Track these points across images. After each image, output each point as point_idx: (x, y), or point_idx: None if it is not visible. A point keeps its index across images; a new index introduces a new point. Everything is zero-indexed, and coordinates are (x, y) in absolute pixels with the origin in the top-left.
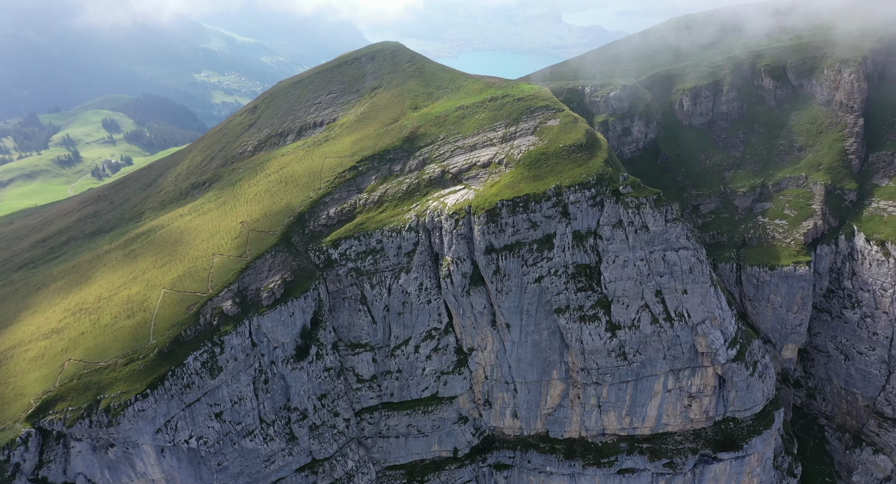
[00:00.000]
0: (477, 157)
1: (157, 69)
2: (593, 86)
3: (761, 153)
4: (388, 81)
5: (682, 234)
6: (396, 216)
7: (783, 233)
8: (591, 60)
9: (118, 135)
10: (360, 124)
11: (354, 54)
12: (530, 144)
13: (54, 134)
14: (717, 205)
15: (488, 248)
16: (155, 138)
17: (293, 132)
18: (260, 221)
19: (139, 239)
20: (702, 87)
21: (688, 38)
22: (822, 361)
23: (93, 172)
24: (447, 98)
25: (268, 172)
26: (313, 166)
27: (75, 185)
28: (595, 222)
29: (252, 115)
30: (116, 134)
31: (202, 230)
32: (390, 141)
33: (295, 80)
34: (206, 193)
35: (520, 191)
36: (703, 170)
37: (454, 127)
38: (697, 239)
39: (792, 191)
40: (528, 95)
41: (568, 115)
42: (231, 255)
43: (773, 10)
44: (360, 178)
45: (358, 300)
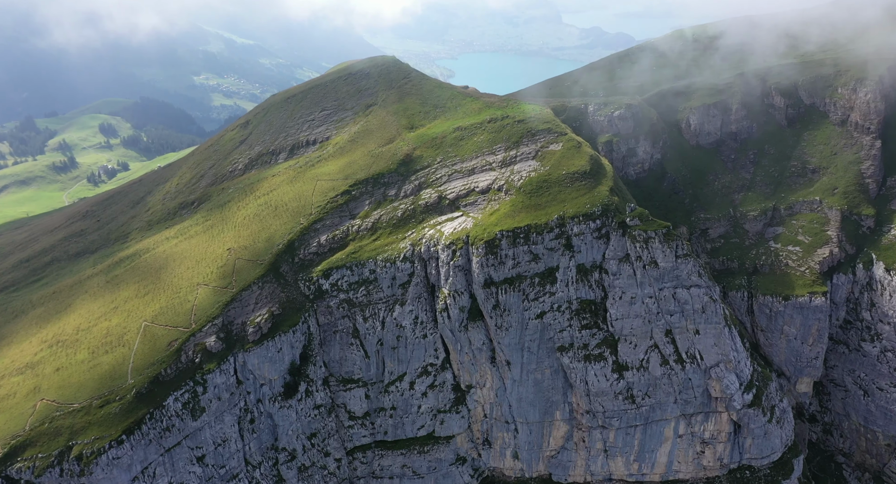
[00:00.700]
0: (475, 183)
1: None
2: (596, 104)
3: (772, 175)
4: (383, 99)
5: (693, 271)
6: (391, 245)
7: (797, 260)
8: (592, 73)
9: (115, 140)
10: (353, 145)
11: (348, 69)
12: (531, 170)
13: (50, 139)
14: (727, 229)
15: (487, 281)
16: (152, 143)
17: (285, 150)
18: (247, 249)
19: (123, 264)
20: (710, 106)
21: (693, 52)
22: (839, 395)
23: (88, 178)
24: (444, 118)
25: (257, 194)
26: (304, 190)
27: (70, 191)
28: (600, 256)
29: (244, 130)
30: (113, 139)
31: (187, 256)
32: (385, 164)
33: (288, 95)
34: (193, 214)
35: (520, 221)
36: (711, 192)
37: (451, 149)
38: (710, 276)
39: (805, 215)
40: (528, 117)
41: (571, 139)
42: (216, 285)
43: (783, 30)
44: (353, 204)
45: (350, 333)
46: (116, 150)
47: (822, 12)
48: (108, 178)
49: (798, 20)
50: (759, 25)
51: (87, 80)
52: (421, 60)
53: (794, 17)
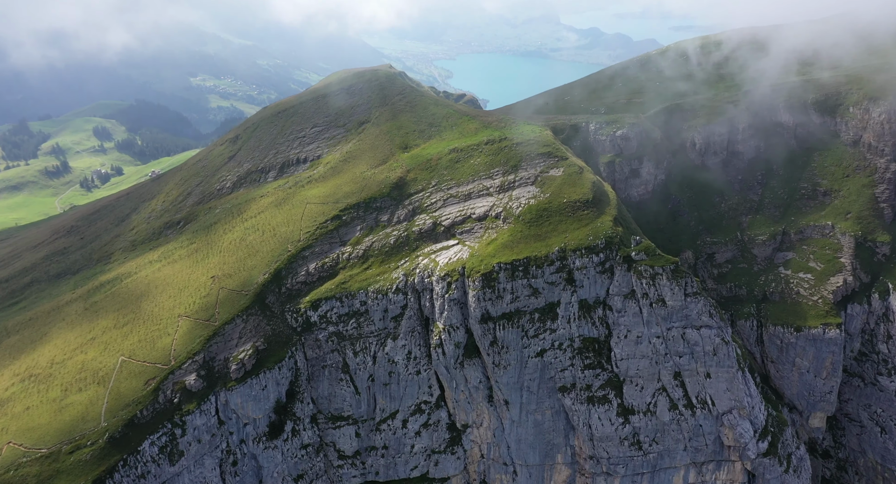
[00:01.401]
0: (472, 209)
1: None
2: (597, 123)
3: (781, 197)
4: (376, 116)
5: (704, 310)
6: (383, 275)
7: (809, 289)
8: (592, 87)
9: (109, 143)
10: (345, 165)
11: (341, 84)
12: (531, 197)
13: (44, 142)
14: (734, 253)
15: (484, 316)
16: (147, 147)
17: (275, 168)
18: (232, 278)
19: (103, 289)
20: (715, 125)
21: (697, 66)
22: (854, 430)
23: (81, 184)
24: (439, 137)
25: (244, 217)
26: (293, 213)
27: (63, 197)
28: (604, 291)
29: (233, 146)
30: (107, 142)
31: (170, 283)
32: (377, 187)
33: (279, 110)
34: (178, 236)
35: (519, 252)
36: (717, 214)
37: (447, 172)
38: (721, 316)
39: (817, 241)
40: (527, 140)
41: (572, 164)
42: (198, 318)
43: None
44: (344, 229)
45: (339, 368)
46: (110, 154)
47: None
48: (102, 183)
49: (807, 34)
50: (766, 40)
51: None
52: (419, 61)
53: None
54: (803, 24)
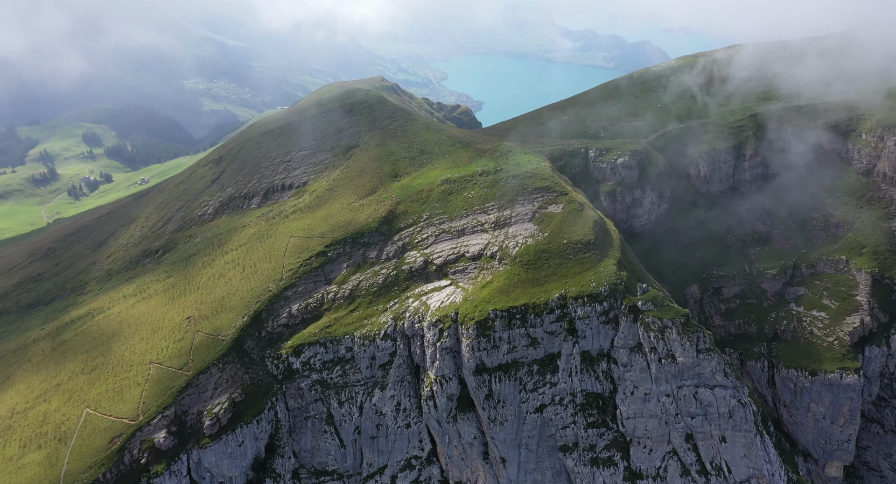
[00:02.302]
0: (465, 246)
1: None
2: (598, 149)
3: (791, 228)
4: (365, 141)
5: (718, 369)
6: (370, 318)
7: (823, 328)
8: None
9: (98, 149)
10: (332, 194)
11: (329, 103)
12: (528, 235)
13: (32, 148)
14: (743, 288)
15: (479, 366)
16: (137, 153)
17: (259, 194)
18: (209, 319)
19: (74, 325)
20: (721, 151)
21: (700, 87)
22: (873, 481)
23: (69, 192)
24: (431, 166)
25: (225, 249)
26: (276, 247)
27: (49, 205)
28: (608, 343)
29: (216, 168)
30: (97, 148)
31: (143, 323)
32: (365, 220)
33: (265, 130)
34: (156, 267)
35: (516, 298)
36: (724, 245)
37: (439, 205)
38: (738, 375)
39: (830, 276)
40: (524, 172)
41: (572, 200)
42: (171, 365)
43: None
44: (330, 267)
45: (323, 420)
46: (100, 161)
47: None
48: (90, 191)
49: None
50: (774, 58)
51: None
52: (414, 63)
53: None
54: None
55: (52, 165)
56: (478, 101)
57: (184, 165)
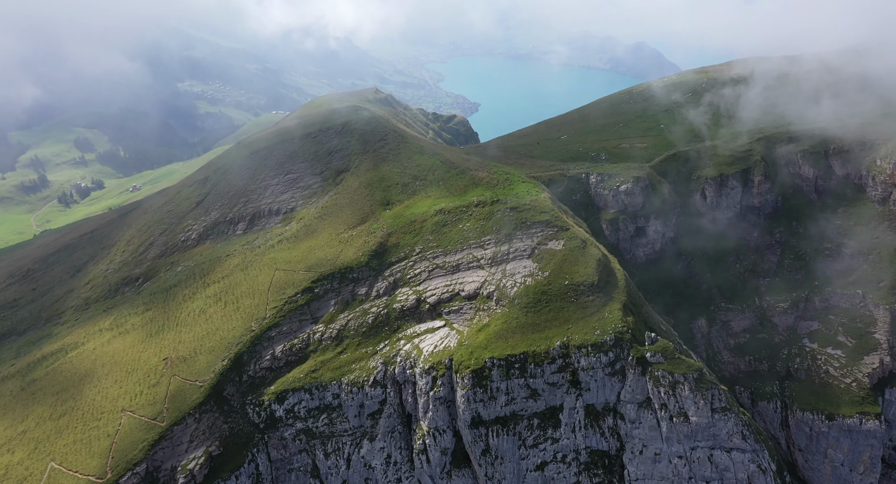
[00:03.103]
0: (460, 283)
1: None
2: (599, 174)
3: (803, 258)
4: (356, 164)
5: (735, 430)
6: (359, 362)
7: (840, 368)
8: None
9: (90, 155)
10: (320, 223)
11: (319, 124)
12: (527, 274)
13: (23, 154)
14: (753, 322)
15: (475, 419)
16: (129, 158)
17: (244, 220)
18: (187, 362)
19: (46, 362)
20: (728, 176)
21: (706, 104)
22: None
23: (59, 199)
24: (424, 194)
25: (207, 281)
26: (260, 281)
27: (39, 213)
28: (614, 396)
29: (202, 189)
30: (89, 154)
31: (118, 362)
32: (354, 253)
33: (252, 149)
34: (135, 298)
35: (515, 345)
36: (732, 276)
37: (433, 238)
38: (757, 437)
39: (845, 311)
40: (522, 204)
41: (574, 236)
42: (144, 414)
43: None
44: (316, 304)
45: (308, 472)
46: (92, 167)
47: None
48: (81, 198)
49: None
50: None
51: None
52: (410, 64)
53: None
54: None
55: (42, 172)
56: (474, 103)
57: (176, 172)
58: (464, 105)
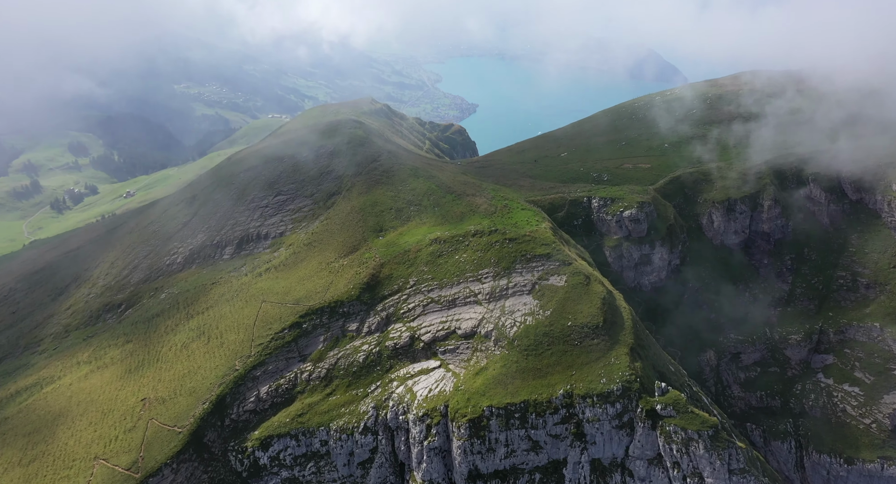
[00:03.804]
0: (457, 320)
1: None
2: (601, 198)
3: (815, 287)
4: (348, 187)
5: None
6: (349, 405)
7: (858, 407)
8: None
9: (84, 159)
10: (309, 250)
11: (310, 141)
12: (527, 312)
13: (15, 158)
14: (763, 354)
15: (472, 472)
16: (124, 163)
17: (231, 244)
18: (165, 404)
19: (20, 398)
20: (736, 201)
21: (713, 121)
22: None
23: (52, 205)
24: (419, 220)
25: (190, 312)
26: (246, 314)
27: (31, 220)
28: (622, 451)
29: (188, 208)
30: (83, 158)
31: (94, 402)
32: (345, 285)
33: (242, 167)
34: (116, 327)
35: (515, 392)
36: (741, 305)
37: (428, 269)
38: None
39: (862, 344)
40: (522, 236)
41: (576, 271)
42: (118, 463)
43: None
44: (304, 341)
45: None
46: (85, 172)
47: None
48: (74, 204)
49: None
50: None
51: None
52: (408, 64)
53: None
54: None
55: (35, 177)
56: (472, 104)
57: (170, 178)
58: (462, 106)
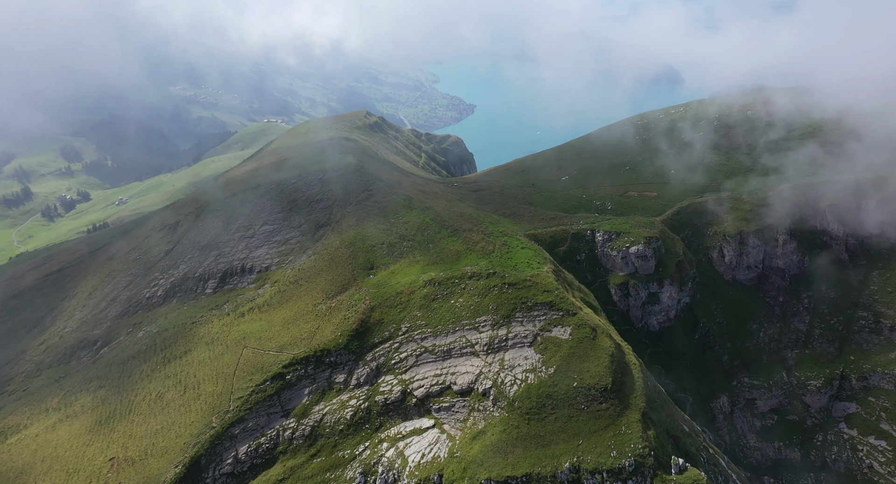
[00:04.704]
0: (452, 374)
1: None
2: (606, 232)
3: (835, 327)
4: (337, 218)
5: None
6: (335, 470)
7: (886, 463)
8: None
9: (77, 165)
10: (296, 289)
11: (299, 165)
12: (528, 368)
13: (7, 164)
14: (780, 400)
15: None
16: (117, 168)
17: (215, 277)
18: (135, 466)
19: None
20: (748, 234)
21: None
22: None
23: (43, 212)
24: (412, 256)
25: (167, 356)
26: (226, 362)
27: (21, 228)
28: None
29: (172, 235)
30: (75, 164)
31: (60, 458)
32: (332, 333)
33: (228, 192)
34: (89, 368)
35: (516, 464)
36: (755, 346)
37: (421, 314)
38: None
39: (889, 393)
40: (522, 280)
41: (582, 322)
42: None
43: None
44: (288, 393)
45: None
46: (78, 177)
47: None
48: (66, 211)
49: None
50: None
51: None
52: (405, 65)
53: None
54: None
55: (27, 183)
56: (470, 104)
57: (164, 185)
58: (459, 107)
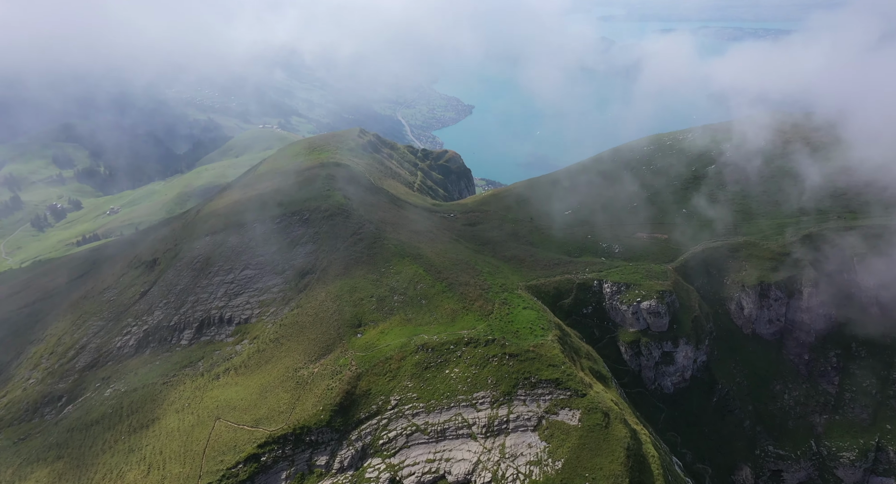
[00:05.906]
0: (447, 460)
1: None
2: (615, 284)
3: (868, 391)
4: (323, 266)
5: None
6: None
7: None
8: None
9: (69, 171)
10: (276, 349)
11: (283, 203)
12: (533, 459)
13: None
14: (810, 473)
15: None
16: (110, 175)
17: (191, 327)
18: None
19: None
20: (770, 285)
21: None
22: None
23: (32, 222)
24: (404, 314)
25: (133, 425)
26: (196, 437)
27: (9, 239)
28: None
29: (148, 275)
30: (67, 171)
31: None
32: (314, 407)
33: (208, 229)
34: (50, 431)
35: None
36: (780, 410)
37: (413, 385)
38: None
39: None
40: (525, 351)
41: (593, 405)
42: None
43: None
44: (262, 478)
45: None
46: (69, 185)
47: None
48: (56, 220)
49: None
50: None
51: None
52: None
53: None
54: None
55: (17, 191)
56: (468, 105)
57: (156, 194)
58: (458, 107)
